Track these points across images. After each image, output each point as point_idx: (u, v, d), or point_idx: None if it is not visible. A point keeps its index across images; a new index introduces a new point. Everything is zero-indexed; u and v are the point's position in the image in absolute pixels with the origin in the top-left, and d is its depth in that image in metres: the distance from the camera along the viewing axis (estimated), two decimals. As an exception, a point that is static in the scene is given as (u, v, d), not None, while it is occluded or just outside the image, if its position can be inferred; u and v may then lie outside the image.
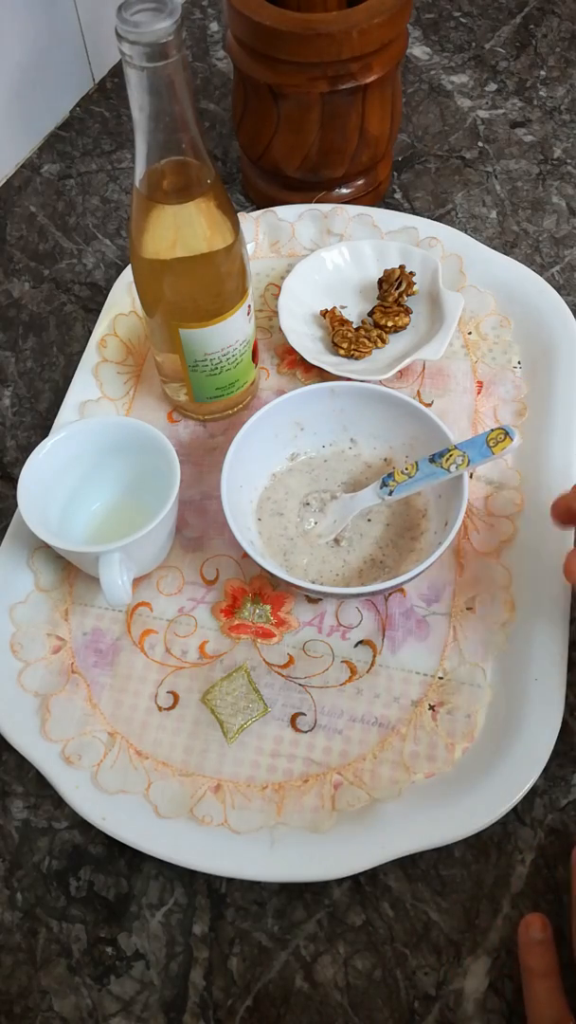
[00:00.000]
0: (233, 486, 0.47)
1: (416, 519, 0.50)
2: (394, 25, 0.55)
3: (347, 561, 0.49)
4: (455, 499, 0.45)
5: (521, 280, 0.59)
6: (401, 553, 0.49)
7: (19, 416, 0.58)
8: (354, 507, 0.49)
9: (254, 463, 0.50)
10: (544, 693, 0.44)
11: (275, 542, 0.49)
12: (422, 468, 0.47)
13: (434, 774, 0.43)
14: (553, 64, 0.78)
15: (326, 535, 0.50)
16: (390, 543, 0.49)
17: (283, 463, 0.52)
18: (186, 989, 0.40)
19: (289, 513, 0.50)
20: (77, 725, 0.45)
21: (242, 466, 0.48)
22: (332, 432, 0.52)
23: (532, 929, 0.39)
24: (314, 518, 0.50)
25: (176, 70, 0.37)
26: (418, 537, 0.49)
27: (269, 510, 0.51)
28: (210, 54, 0.80)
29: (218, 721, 0.45)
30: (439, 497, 0.48)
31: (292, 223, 0.62)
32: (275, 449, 0.51)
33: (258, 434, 0.49)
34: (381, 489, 0.48)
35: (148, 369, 0.57)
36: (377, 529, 0.50)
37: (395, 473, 0.48)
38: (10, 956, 0.41)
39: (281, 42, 0.53)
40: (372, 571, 0.48)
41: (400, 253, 0.59)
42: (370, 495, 0.49)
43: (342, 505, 0.50)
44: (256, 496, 0.51)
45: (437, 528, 0.48)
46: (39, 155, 0.73)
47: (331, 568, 0.49)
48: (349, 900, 0.42)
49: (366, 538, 0.50)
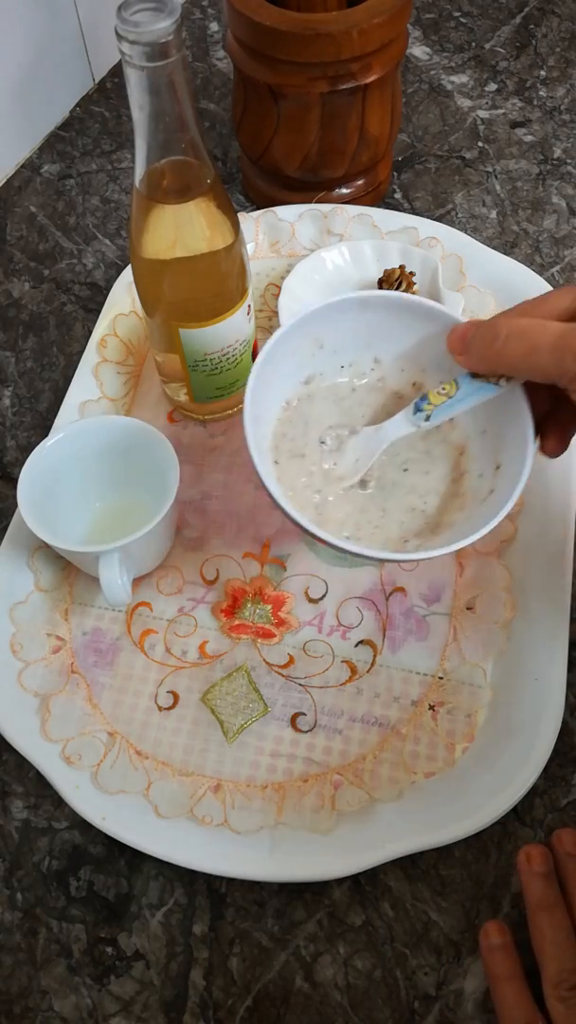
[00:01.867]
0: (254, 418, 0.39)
1: (454, 457, 0.43)
2: (394, 25, 0.55)
3: (386, 510, 0.42)
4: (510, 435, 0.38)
5: (521, 280, 0.59)
6: (443, 501, 0.42)
7: (19, 416, 0.58)
8: (381, 440, 0.42)
9: (265, 390, 0.41)
10: (544, 693, 0.44)
11: (300, 492, 0.42)
12: (463, 385, 0.38)
13: (434, 774, 0.43)
14: (553, 64, 0.78)
15: (349, 477, 0.42)
16: (432, 490, 0.43)
17: (297, 388, 0.44)
18: (186, 989, 0.40)
19: (311, 454, 0.43)
20: (77, 725, 0.45)
21: (261, 396, 0.40)
22: (355, 350, 0.44)
23: (491, 935, 0.39)
24: (332, 458, 0.43)
25: (176, 70, 0.37)
26: (459, 479, 0.42)
27: (287, 451, 0.43)
28: (210, 54, 0.80)
29: (218, 721, 0.45)
30: (483, 432, 0.41)
31: (292, 223, 0.62)
32: (289, 371, 0.43)
33: (278, 354, 0.41)
34: (416, 415, 0.40)
35: (148, 369, 0.57)
36: (415, 477, 0.43)
37: (430, 395, 0.40)
38: (10, 956, 0.41)
39: (281, 42, 0.53)
40: (414, 522, 0.42)
41: (400, 253, 0.59)
42: (402, 423, 0.41)
43: (365, 440, 0.42)
44: (270, 432, 0.43)
45: (483, 470, 0.41)
46: (39, 155, 0.73)
47: (370, 519, 0.42)
48: (349, 900, 0.42)
49: (400, 487, 0.43)
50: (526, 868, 0.39)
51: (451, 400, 0.39)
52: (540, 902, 0.38)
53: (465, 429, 0.43)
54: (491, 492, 0.39)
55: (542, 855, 0.40)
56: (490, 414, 0.40)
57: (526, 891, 0.39)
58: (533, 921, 0.38)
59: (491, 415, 0.40)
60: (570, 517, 0.49)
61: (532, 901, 0.39)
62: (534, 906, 0.39)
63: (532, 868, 0.39)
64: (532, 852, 0.40)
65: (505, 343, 0.35)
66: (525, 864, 0.40)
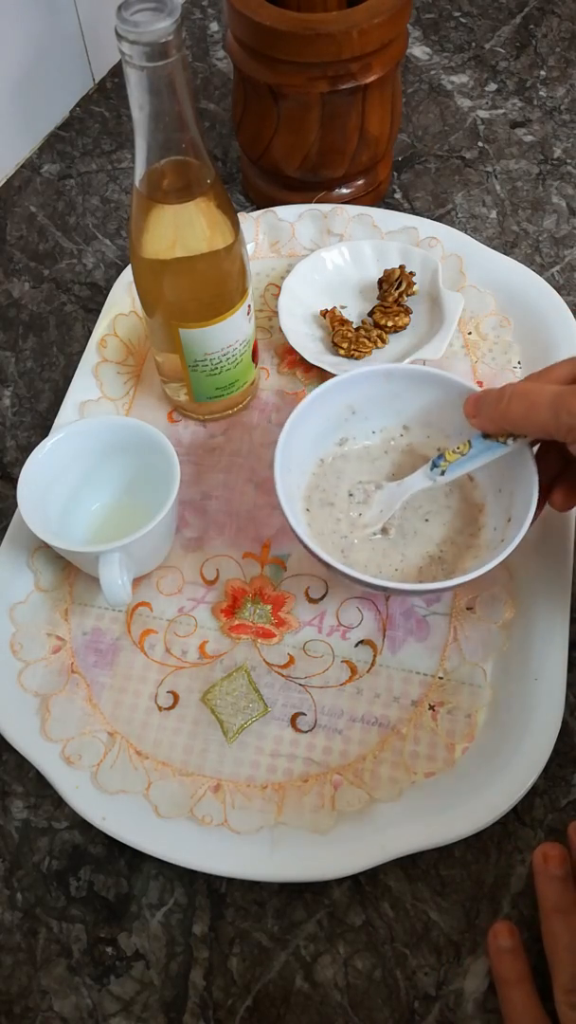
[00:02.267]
0: (287, 472, 0.44)
1: (474, 515, 0.48)
2: (394, 25, 0.55)
3: (405, 556, 0.47)
4: (519, 491, 0.43)
5: (521, 280, 0.59)
6: (459, 550, 0.47)
7: (19, 416, 0.58)
8: (402, 493, 0.47)
9: (303, 447, 0.48)
10: (544, 693, 0.44)
11: (327, 537, 0.48)
12: (476, 444, 0.44)
13: (434, 774, 0.43)
14: (553, 64, 0.78)
15: (372, 524, 0.48)
16: (447, 540, 0.48)
17: (332, 448, 0.50)
18: (186, 989, 0.40)
19: (339, 503, 0.49)
20: (77, 725, 0.45)
21: (293, 450, 0.46)
22: (385, 417, 0.50)
23: (500, 938, 0.38)
24: (359, 509, 0.48)
25: (176, 70, 0.37)
26: (476, 533, 0.47)
27: (318, 500, 0.49)
28: (210, 54, 0.80)
29: (218, 721, 0.45)
30: (499, 491, 0.46)
31: (292, 223, 0.62)
32: (324, 433, 0.49)
33: (312, 416, 0.47)
34: (432, 470, 0.46)
35: (148, 369, 0.57)
36: (433, 528, 0.48)
37: (446, 453, 0.45)
38: (10, 956, 0.41)
39: (281, 42, 0.53)
40: (431, 568, 0.47)
41: (400, 253, 0.59)
42: (420, 478, 0.46)
43: (388, 494, 0.48)
44: (304, 483, 0.49)
45: (497, 524, 0.46)
46: (39, 155, 0.73)
47: (391, 563, 0.47)
48: (349, 900, 0.42)
49: (421, 536, 0.48)
50: (542, 869, 0.39)
51: (463, 458, 0.44)
52: (556, 905, 0.38)
53: (484, 489, 0.48)
54: (501, 542, 0.44)
55: (560, 857, 0.39)
56: (505, 475, 0.45)
57: (541, 894, 0.38)
58: (547, 925, 0.38)
59: (505, 476, 0.45)
60: (570, 517, 0.49)
61: (547, 904, 0.38)
62: (549, 910, 0.38)
63: (549, 870, 0.39)
64: (550, 853, 0.39)
65: (509, 403, 0.40)
66: (542, 864, 0.39)
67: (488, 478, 0.47)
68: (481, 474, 0.48)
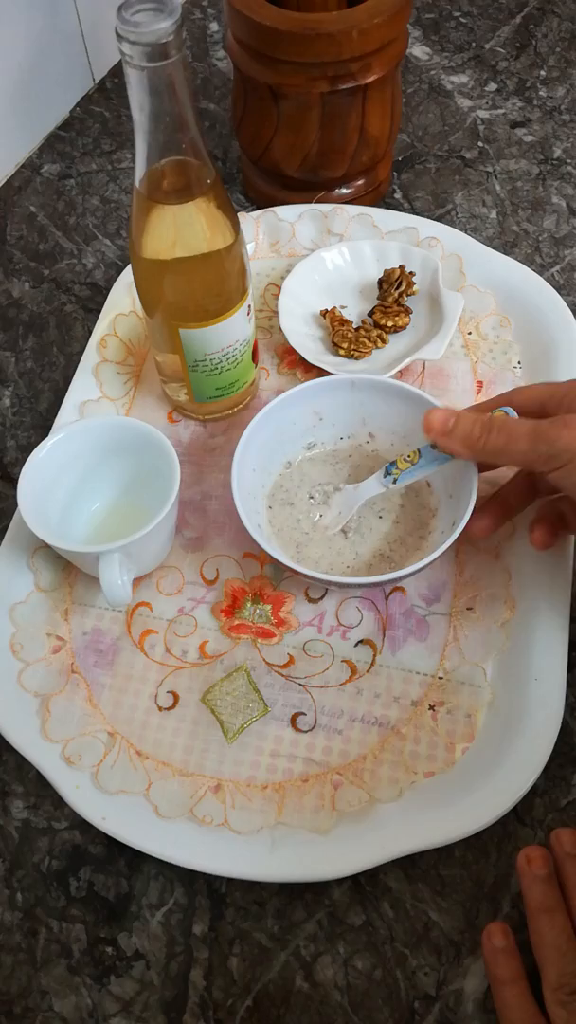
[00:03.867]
0: (245, 469, 0.47)
1: (426, 518, 0.50)
2: (394, 25, 0.55)
3: (359, 554, 0.49)
4: (464, 498, 0.45)
5: (521, 280, 0.59)
6: (408, 550, 0.49)
7: (19, 416, 0.58)
8: (358, 498, 0.49)
9: (269, 448, 0.50)
10: (544, 693, 0.44)
11: (286, 533, 0.50)
12: (424, 454, 0.46)
13: (434, 774, 0.43)
14: (553, 64, 0.78)
15: (332, 527, 0.50)
16: (398, 540, 0.49)
17: (300, 452, 0.52)
18: (186, 989, 0.40)
19: (299, 503, 0.51)
20: (77, 725, 0.45)
21: (256, 450, 0.48)
22: (351, 425, 0.52)
23: (494, 938, 0.39)
24: (319, 511, 0.50)
25: (176, 70, 0.37)
26: (426, 536, 0.49)
27: (280, 499, 0.51)
28: (210, 54, 0.80)
29: (218, 721, 0.45)
30: (450, 497, 0.48)
31: (292, 223, 0.62)
32: (292, 437, 0.51)
33: (276, 420, 0.49)
34: (385, 478, 0.48)
35: (148, 369, 0.57)
36: (387, 525, 0.50)
37: (398, 461, 0.47)
38: (10, 956, 0.41)
39: (281, 42, 0.53)
40: (380, 565, 0.48)
41: (400, 253, 0.59)
42: (374, 485, 0.49)
43: (346, 496, 0.50)
44: (269, 482, 0.51)
45: (444, 528, 0.47)
46: (39, 155, 0.73)
47: (343, 560, 0.49)
48: (349, 900, 0.42)
49: (375, 532, 0.50)
50: (526, 871, 0.39)
51: (413, 467, 0.47)
52: (540, 905, 0.38)
53: (439, 495, 0.50)
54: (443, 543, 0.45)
55: (542, 857, 0.40)
56: (456, 482, 0.47)
57: (526, 894, 0.39)
58: (533, 924, 0.38)
59: (456, 483, 0.47)
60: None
61: (532, 904, 0.39)
62: (534, 909, 0.38)
63: (532, 871, 0.39)
64: (532, 854, 0.40)
65: (487, 438, 0.42)
66: (525, 866, 0.39)
67: (443, 483, 0.49)
68: (436, 480, 0.49)
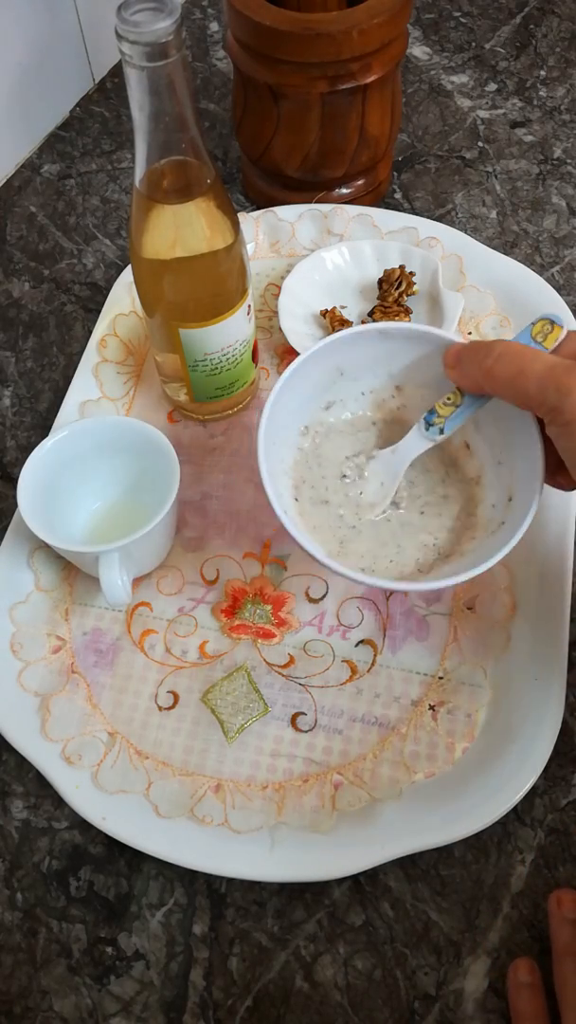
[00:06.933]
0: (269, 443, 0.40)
1: (471, 490, 0.43)
2: (394, 25, 0.55)
3: (401, 547, 0.43)
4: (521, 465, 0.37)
5: (521, 280, 0.59)
6: (456, 533, 0.43)
7: (19, 416, 0.58)
8: (402, 460, 0.42)
9: (287, 414, 0.43)
10: (544, 693, 0.44)
11: (329, 531, 0.43)
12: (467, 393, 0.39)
13: (434, 774, 0.43)
14: (553, 64, 0.78)
15: (380, 503, 0.43)
16: (442, 527, 0.44)
17: (318, 414, 0.45)
18: (186, 989, 0.40)
19: (334, 497, 0.44)
20: (77, 725, 0.45)
21: (277, 421, 0.41)
22: (375, 378, 0.45)
23: (520, 973, 0.38)
24: (358, 487, 0.43)
25: (176, 70, 0.37)
26: (473, 511, 0.42)
27: (309, 497, 0.44)
28: (210, 54, 0.80)
29: (218, 721, 0.45)
30: (499, 464, 0.41)
31: (292, 223, 0.62)
32: (311, 396, 0.45)
33: (298, 382, 0.42)
34: (428, 430, 0.40)
35: (148, 369, 0.57)
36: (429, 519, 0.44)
37: (437, 407, 0.40)
38: (10, 956, 0.41)
39: (281, 42, 0.53)
40: (427, 555, 0.43)
41: (400, 253, 0.59)
42: (416, 441, 0.41)
43: (383, 463, 0.43)
44: (290, 457, 0.44)
45: (496, 501, 0.41)
46: (39, 155, 0.73)
47: (386, 553, 0.43)
48: (349, 900, 0.42)
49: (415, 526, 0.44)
50: (556, 912, 0.39)
51: (459, 409, 0.39)
52: (567, 948, 0.38)
53: (482, 458, 0.43)
54: (502, 524, 0.40)
55: (574, 901, 0.39)
56: (506, 445, 0.41)
57: (554, 936, 0.39)
58: (558, 968, 0.38)
59: (507, 446, 0.41)
60: (570, 517, 0.49)
61: (559, 947, 0.38)
62: (560, 952, 0.38)
63: (562, 913, 0.39)
64: (564, 897, 0.39)
65: (496, 361, 0.35)
66: (556, 908, 0.39)
67: (487, 447, 0.43)
68: (479, 442, 0.43)
